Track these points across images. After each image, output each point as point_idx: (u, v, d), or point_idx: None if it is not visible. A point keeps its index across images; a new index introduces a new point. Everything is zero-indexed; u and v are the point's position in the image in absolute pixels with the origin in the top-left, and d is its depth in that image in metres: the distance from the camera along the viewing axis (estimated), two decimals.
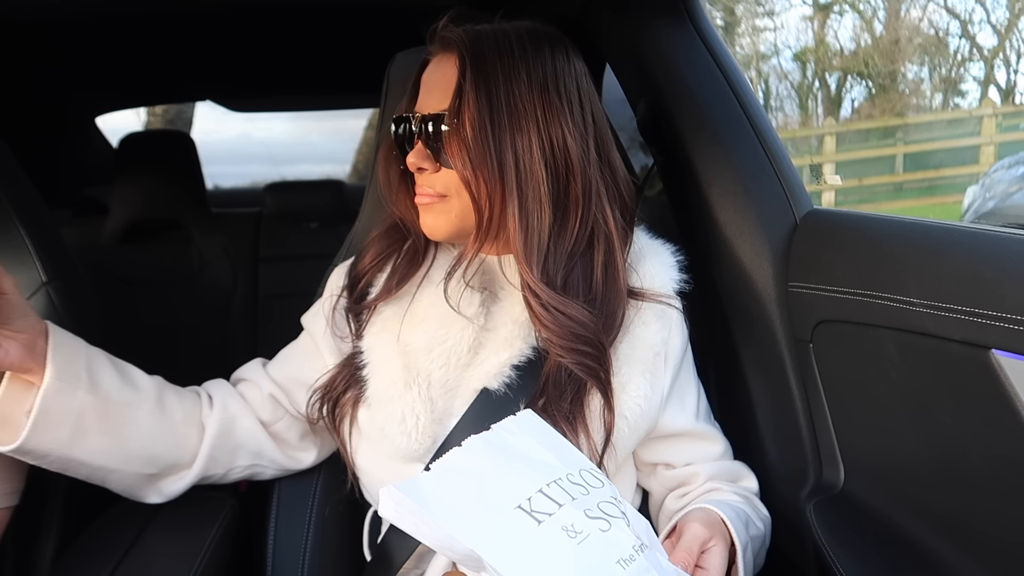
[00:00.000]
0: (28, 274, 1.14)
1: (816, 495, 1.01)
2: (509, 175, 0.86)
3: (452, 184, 0.89)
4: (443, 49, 0.90)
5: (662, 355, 0.94)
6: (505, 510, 0.62)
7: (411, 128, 0.91)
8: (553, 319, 0.86)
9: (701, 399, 1.00)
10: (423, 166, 0.89)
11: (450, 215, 0.91)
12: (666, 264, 0.98)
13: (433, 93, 0.90)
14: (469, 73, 0.86)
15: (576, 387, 0.87)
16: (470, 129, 0.85)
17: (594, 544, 0.62)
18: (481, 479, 0.64)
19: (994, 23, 13.22)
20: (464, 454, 0.66)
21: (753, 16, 13.03)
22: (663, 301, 0.94)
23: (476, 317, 0.91)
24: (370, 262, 0.99)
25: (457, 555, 0.61)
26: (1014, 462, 0.75)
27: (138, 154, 2.21)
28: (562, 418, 0.85)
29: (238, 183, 3.54)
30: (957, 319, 0.78)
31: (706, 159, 1.13)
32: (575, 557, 0.60)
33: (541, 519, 0.62)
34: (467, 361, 0.91)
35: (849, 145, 10.18)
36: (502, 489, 0.64)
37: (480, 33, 0.89)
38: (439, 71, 0.90)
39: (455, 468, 0.65)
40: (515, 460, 0.67)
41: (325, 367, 0.98)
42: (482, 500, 0.62)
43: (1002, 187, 4.14)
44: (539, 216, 0.86)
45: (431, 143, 0.89)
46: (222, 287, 2.26)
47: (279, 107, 3.09)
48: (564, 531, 0.61)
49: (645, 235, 1.01)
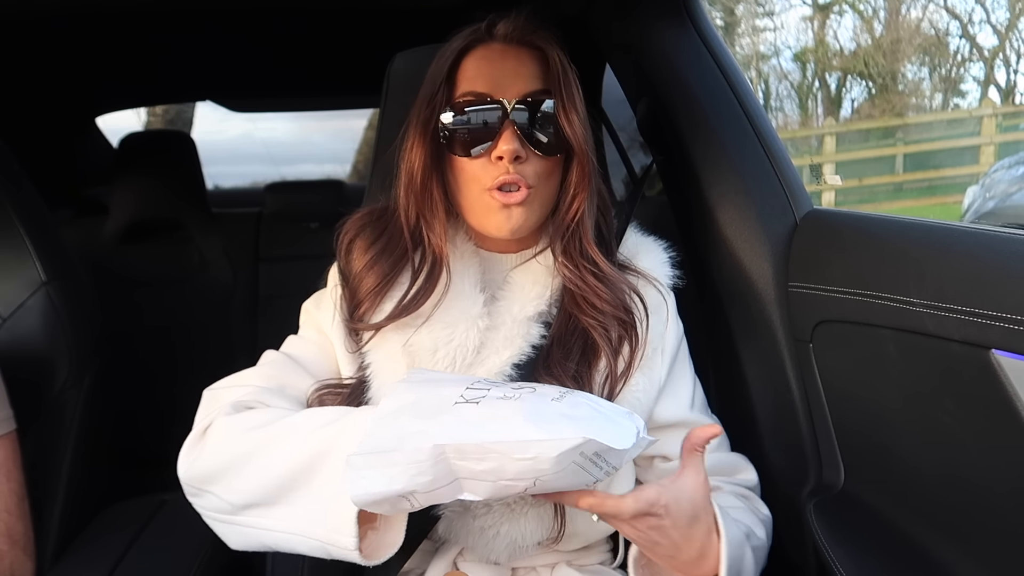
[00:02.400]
0: (28, 274, 1.14)
1: (816, 495, 1.01)
2: (592, 147, 0.91)
3: (542, 172, 0.89)
4: (514, 44, 0.90)
5: (659, 349, 0.95)
6: (447, 408, 0.70)
7: (508, 111, 0.86)
8: (608, 289, 0.91)
9: (697, 391, 1.01)
10: (521, 154, 0.86)
11: (534, 207, 0.90)
12: (660, 260, 1.00)
13: (519, 79, 0.88)
14: (562, 59, 0.89)
15: (582, 349, 0.90)
16: (577, 105, 0.88)
17: (529, 397, 0.71)
18: (415, 404, 0.72)
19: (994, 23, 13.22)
20: (391, 397, 0.73)
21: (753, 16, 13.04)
22: (656, 282, 0.97)
23: (479, 317, 0.91)
24: (374, 285, 0.93)
25: (430, 469, 0.67)
26: (1014, 462, 0.75)
27: (138, 154, 2.21)
28: (568, 378, 0.88)
29: (238, 183, 3.54)
30: (957, 319, 0.78)
31: (706, 159, 1.13)
32: (520, 409, 0.69)
33: (479, 400, 0.71)
34: (471, 361, 0.91)
35: (849, 145, 10.19)
36: (437, 400, 0.72)
37: (543, 27, 0.91)
38: (513, 60, 0.89)
39: (389, 410, 0.71)
40: (433, 384, 0.75)
41: (338, 360, 0.97)
42: (425, 414, 0.70)
43: (1002, 187, 4.14)
44: (596, 186, 0.93)
45: (538, 125, 0.87)
46: (222, 287, 2.26)
47: (279, 107, 3.09)
48: (502, 399, 0.71)
49: (638, 232, 1.03)
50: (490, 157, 0.87)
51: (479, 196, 0.89)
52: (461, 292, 0.92)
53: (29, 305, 1.13)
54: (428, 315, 0.91)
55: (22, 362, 1.10)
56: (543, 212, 0.92)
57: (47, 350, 1.14)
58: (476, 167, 0.88)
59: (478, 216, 0.91)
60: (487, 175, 0.87)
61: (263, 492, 0.79)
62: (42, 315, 1.14)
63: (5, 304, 1.13)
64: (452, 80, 0.89)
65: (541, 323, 0.93)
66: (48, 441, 1.14)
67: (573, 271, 0.91)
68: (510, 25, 0.90)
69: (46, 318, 1.14)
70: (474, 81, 0.88)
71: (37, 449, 1.09)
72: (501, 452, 0.66)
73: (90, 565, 1.05)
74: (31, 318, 1.14)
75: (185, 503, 0.90)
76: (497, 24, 0.90)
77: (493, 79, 0.88)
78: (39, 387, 1.13)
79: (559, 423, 0.67)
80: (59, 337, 1.15)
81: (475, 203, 0.90)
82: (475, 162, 0.88)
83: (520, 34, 0.90)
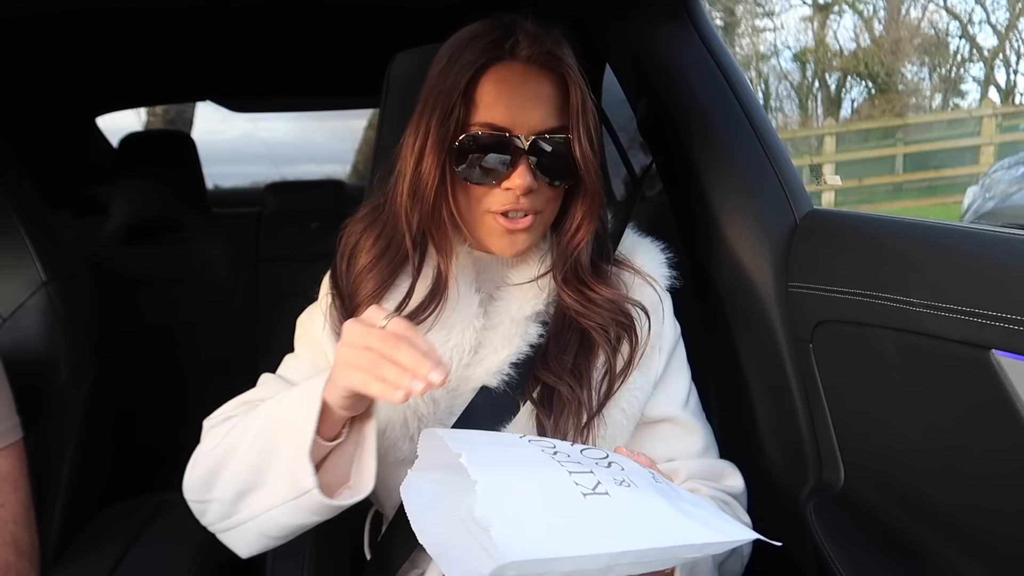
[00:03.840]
0: (28, 274, 1.14)
1: (816, 495, 1.01)
2: (599, 183, 0.92)
3: (550, 196, 0.90)
4: (535, 65, 0.87)
5: (656, 347, 0.96)
6: (578, 503, 0.60)
7: (524, 147, 0.85)
8: (604, 296, 0.92)
9: (692, 393, 1.00)
10: (533, 187, 0.86)
11: (537, 231, 0.91)
12: (657, 260, 1.01)
13: (537, 109, 0.86)
14: (582, 88, 0.87)
15: (579, 344, 0.91)
16: (594, 140, 0.88)
17: (642, 482, 0.65)
18: (529, 492, 0.60)
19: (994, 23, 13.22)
20: (485, 481, 0.59)
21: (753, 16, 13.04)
22: (653, 282, 0.98)
23: (475, 317, 0.92)
24: (373, 290, 0.92)
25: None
26: (1014, 462, 0.75)
27: (138, 154, 2.21)
28: (566, 373, 0.89)
29: (238, 183, 3.53)
30: (957, 319, 0.78)
31: (706, 159, 1.13)
32: (665, 505, 0.63)
33: (604, 490, 0.61)
34: (468, 361, 0.91)
35: (849, 145, 10.19)
36: (555, 488, 0.61)
37: (563, 46, 0.89)
38: (534, 86, 0.87)
39: (498, 503, 0.58)
40: (518, 461, 0.65)
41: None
42: (556, 508, 0.59)
43: (1002, 187, 4.14)
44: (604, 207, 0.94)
45: (552, 159, 0.87)
46: (222, 287, 2.26)
47: (278, 108, 3.09)
48: (623, 486, 0.63)
49: (635, 232, 1.04)
50: (501, 186, 0.87)
51: (483, 216, 0.89)
52: (457, 294, 0.93)
53: (29, 305, 1.13)
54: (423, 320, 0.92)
55: (22, 363, 1.10)
56: (545, 230, 0.94)
57: (47, 350, 1.14)
58: (482, 191, 0.88)
59: (481, 234, 0.91)
60: (496, 201, 0.87)
61: (245, 478, 0.83)
62: (42, 315, 1.14)
63: (5, 304, 1.13)
64: (470, 97, 0.87)
65: (539, 323, 0.93)
66: (48, 441, 1.14)
67: (571, 295, 0.92)
68: (534, 47, 0.86)
69: (46, 318, 1.14)
70: (493, 109, 0.86)
71: (37, 449, 1.09)
72: (673, 556, 0.62)
73: (90, 565, 1.05)
74: (31, 318, 1.14)
75: (185, 503, 0.90)
76: (520, 43, 0.87)
77: (512, 106, 0.86)
78: (39, 388, 1.13)
79: (717, 520, 0.64)
80: (59, 337, 1.15)
81: (479, 222, 0.90)
82: (482, 186, 0.88)
83: (543, 58, 0.87)
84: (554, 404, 0.89)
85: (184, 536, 1.06)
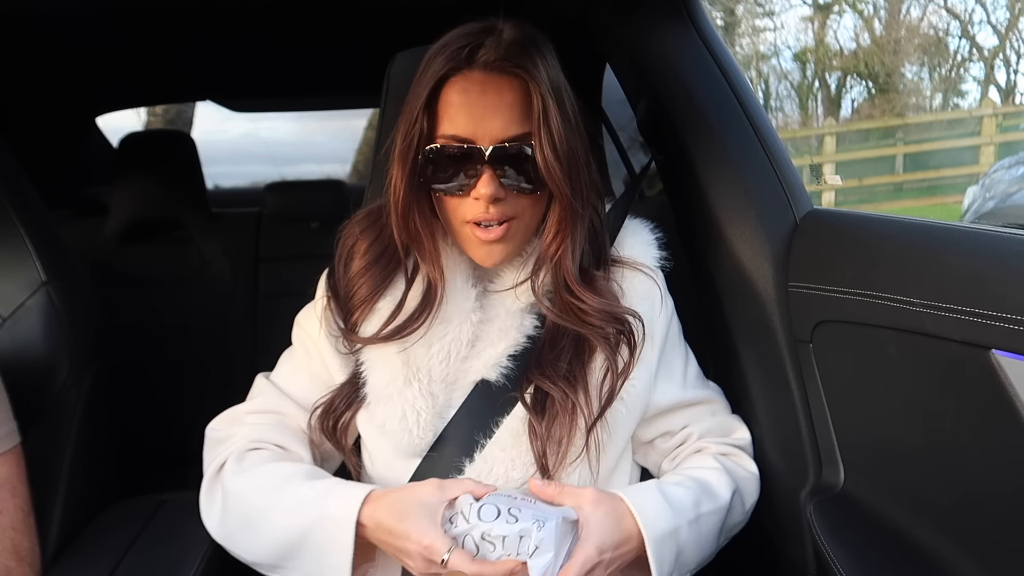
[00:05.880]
0: (28, 274, 1.14)
1: (816, 495, 1.01)
2: (581, 181, 0.89)
3: (525, 203, 0.89)
4: (495, 72, 0.86)
5: (650, 336, 0.96)
6: None
7: (485, 157, 0.84)
8: (593, 306, 0.90)
9: (690, 366, 1.02)
10: (499, 195, 0.85)
11: (516, 239, 0.91)
12: (646, 241, 1.01)
13: (498, 117, 0.85)
14: (544, 94, 0.84)
15: (574, 349, 0.91)
16: (558, 147, 0.85)
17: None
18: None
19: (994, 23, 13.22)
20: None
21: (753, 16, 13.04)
22: (643, 269, 0.97)
23: (472, 311, 0.92)
24: (367, 295, 0.93)
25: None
26: (1014, 462, 0.75)
27: (138, 154, 2.21)
28: (560, 379, 0.89)
29: (238, 183, 3.53)
30: (957, 319, 0.78)
31: (706, 159, 1.13)
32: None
33: None
34: (465, 354, 0.92)
35: (849, 145, 10.19)
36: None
37: (528, 50, 0.86)
38: (493, 95, 0.85)
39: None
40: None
41: (329, 375, 0.98)
42: None
43: (1002, 187, 4.14)
44: (586, 211, 0.91)
45: (518, 167, 0.85)
46: (222, 287, 2.26)
47: (278, 107, 3.09)
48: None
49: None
50: (470, 196, 0.86)
51: (460, 227, 0.90)
52: (454, 288, 0.93)
53: (29, 305, 1.13)
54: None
55: (22, 363, 1.10)
56: (528, 235, 0.93)
57: (47, 350, 1.14)
58: (455, 202, 0.88)
59: (461, 243, 0.92)
60: (468, 211, 0.88)
61: (265, 557, 0.90)
62: (42, 315, 1.14)
63: (5, 304, 1.13)
64: (432, 110, 0.86)
65: (534, 313, 0.93)
66: (48, 441, 1.14)
67: (551, 308, 0.91)
68: (491, 52, 0.85)
69: (46, 318, 1.14)
70: (454, 120, 0.85)
71: (37, 449, 1.09)
72: None
73: (90, 565, 1.05)
74: (31, 318, 1.14)
75: (185, 503, 0.90)
76: (482, 50, 0.85)
77: (473, 117, 0.85)
78: (39, 388, 1.13)
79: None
80: (59, 337, 1.15)
81: (457, 232, 0.91)
82: (454, 197, 0.88)
83: (501, 63, 0.85)
84: (546, 409, 0.89)
85: (185, 537, 1.06)
